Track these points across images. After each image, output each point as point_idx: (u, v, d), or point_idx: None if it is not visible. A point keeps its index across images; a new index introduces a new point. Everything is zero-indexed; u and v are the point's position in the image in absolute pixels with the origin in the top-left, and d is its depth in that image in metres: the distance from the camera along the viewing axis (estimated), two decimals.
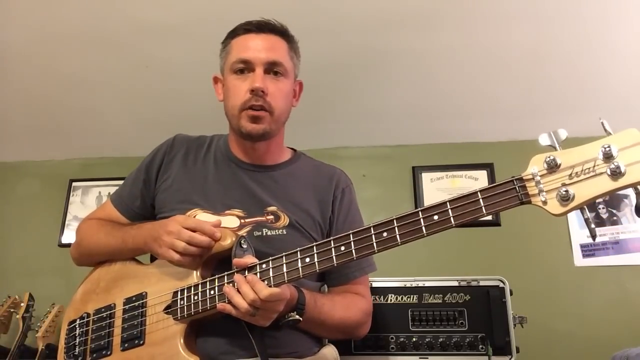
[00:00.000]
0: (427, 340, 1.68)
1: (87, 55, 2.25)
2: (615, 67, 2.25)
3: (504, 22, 2.06)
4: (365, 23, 2.08)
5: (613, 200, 2.53)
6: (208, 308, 1.08)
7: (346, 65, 2.30)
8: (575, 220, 2.52)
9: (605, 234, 2.49)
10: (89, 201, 2.86)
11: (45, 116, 2.65)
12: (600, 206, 2.54)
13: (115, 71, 2.35)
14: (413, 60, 2.26)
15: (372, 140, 2.80)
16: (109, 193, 2.82)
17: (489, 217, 2.55)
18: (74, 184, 2.90)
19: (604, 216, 2.52)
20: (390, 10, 2.02)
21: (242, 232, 1.20)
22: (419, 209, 0.95)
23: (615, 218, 2.51)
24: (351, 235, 1.00)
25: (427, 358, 1.68)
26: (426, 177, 2.70)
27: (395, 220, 0.96)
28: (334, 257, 1.01)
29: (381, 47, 2.19)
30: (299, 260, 1.03)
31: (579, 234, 2.51)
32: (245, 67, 1.26)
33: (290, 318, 1.10)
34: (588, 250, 2.48)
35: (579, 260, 2.48)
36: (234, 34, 1.32)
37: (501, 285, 1.72)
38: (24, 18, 2.07)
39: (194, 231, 1.11)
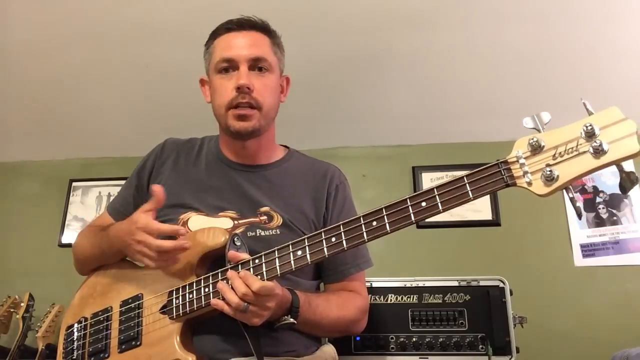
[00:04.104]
0: (427, 340, 1.68)
1: (87, 55, 2.25)
2: (614, 66, 2.25)
3: (504, 22, 2.06)
4: (365, 23, 2.08)
5: (613, 200, 2.53)
6: (203, 305, 1.08)
7: (346, 65, 2.30)
8: (575, 220, 2.51)
9: (605, 234, 2.48)
10: (89, 201, 2.86)
11: (45, 116, 2.65)
12: (600, 206, 2.53)
13: (115, 71, 2.35)
14: (413, 60, 2.26)
15: (372, 140, 2.80)
16: (109, 193, 2.83)
17: (489, 217, 2.56)
18: (74, 184, 2.90)
19: (604, 216, 2.52)
20: (390, 11, 2.01)
21: (236, 232, 1.20)
22: (407, 196, 0.95)
23: (615, 218, 2.50)
24: (341, 226, 1.00)
25: (427, 358, 1.68)
26: (426, 177, 2.70)
27: (384, 209, 0.97)
28: (325, 249, 1.01)
29: (381, 47, 2.19)
30: (291, 253, 1.04)
31: (579, 234, 2.51)
32: (229, 66, 1.25)
33: (285, 321, 1.10)
34: (588, 250, 2.48)
35: (579, 260, 2.47)
36: (215, 34, 1.32)
37: (501, 285, 1.72)
38: (24, 18, 2.07)
39: (151, 234, 1.09)
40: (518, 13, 2.02)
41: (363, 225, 0.98)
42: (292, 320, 1.10)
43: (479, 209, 2.55)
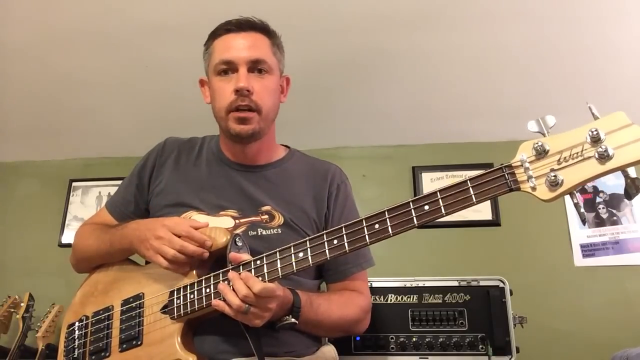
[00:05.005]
0: (427, 340, 1.68)
1: (87, 55, 2.25)
2: (614, 67, 2.25)
3: (504, 22, 2.06)
4: (365, 23, 2.08)
5: (613, 200, 2.53)
6: (204, 306, 1.08)
7: (346, 65, 2.30)
8: (575, 220, 2.51)
9: (605, 234, 2.49)
10: (89, 201, 2.86)
11: (45, 116, 2.65)
12: (600, 206, 2.53)
13: (115, 71, 2.35)
14: (413, 60, 2.26)
15: (372, 140, 2.80)
16: (109, 193, 2.83)
17: (489, 217, 2.56)
18: (74, 184, 2.90)
19: (604, 216, 2.52)
20: (390, 11, 2.01)
21: (237, 232, 1.20)
22: (410, 199, 0.95)
23: (615, 218, 2.50)
24: (343, 229, 1.00)
25: (427, 358, 1.68)
26: (426, 177, 2.70)
27: (386, 212, 0.96)
28: (326, 251, 1.01)
29: (381, 47, 2.19)
30: (293, 255, 1.04)
31: (579, 234, 2.51)
32: (228, 68, 1.25)
33: (286, 321, 1.10)
34: (588, 250, 2.48)
35: (579, 260, 2.47)
36: (214, 34, 1.31)
37: (501, 285, 1.72)
38: (24, 18, 2.07)
39: (180, 236, 1.10)
40: (518, 13, 2.02)
41: (365, 228, 0.97)
42: (293, 320, 1.10)
43: (479, 209, 2.55)
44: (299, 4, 1.99)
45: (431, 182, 2.68)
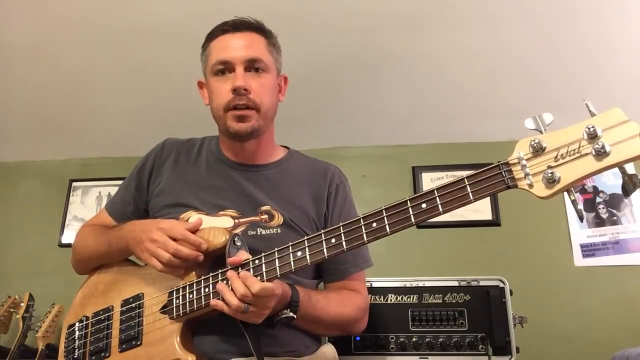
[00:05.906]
0: (427, 340, 1.68)
1: (87, 55, 2.25)
2: (614, 67, 2.25)
3: (504, 22, 2.06)
4: (366, 23, 2.08)
5: (613, 200, 2.53)
6: (203, 306, 1.08)
7: (347, 65, 2.30)
8: (575, 220, 2.51)
9: (605, 234, 2.49)
10: (89, 201, 2.86)
11: (45, 116, 2.65)
12: (600, 206, 2.53)
13: (115, 71, 2.35)
14: (413, 61, 2.26)
15: (372, 140, 2.80)
16: (109, 193, 2.83)
17: (489, 217, 2.56)
18: (74, 184, 2.90)
19: (604, 216, 2.52)
20: (390, 11, 2.02)
21: (236, 232, 1.20)
22: (407, 197, 0.95)
23: (615, 218, 2.50)
24: (341, 228, 1.00)
25: (427, 358, 1.68)
26: (426, 177, 2.70)
27: (384, 210, 0.96)
28: (324, 250, 1.01)
29: (381, 47, 2.19)
30: (291, 254, 1.04)
31: (579, 234, 2.51)
32: (225, 68, 1.26)
33: (284, 315, 1.10)
34: (588, 250, 2.48)
35: (579, 260, 2.47)
36: (211, 36, 1.32)
37: (501, 285, 1.72)
38: (24, 18, 2.07)
39: (175, 240, 1.10)
40: (518, 13, 2.02)
41: (363, 227, 0.98)
42: (291, 314, 1.11)
43: (479, 209, 2.55)
44: (299, 4, 1.99)
45: (431, 182, 2.68)
